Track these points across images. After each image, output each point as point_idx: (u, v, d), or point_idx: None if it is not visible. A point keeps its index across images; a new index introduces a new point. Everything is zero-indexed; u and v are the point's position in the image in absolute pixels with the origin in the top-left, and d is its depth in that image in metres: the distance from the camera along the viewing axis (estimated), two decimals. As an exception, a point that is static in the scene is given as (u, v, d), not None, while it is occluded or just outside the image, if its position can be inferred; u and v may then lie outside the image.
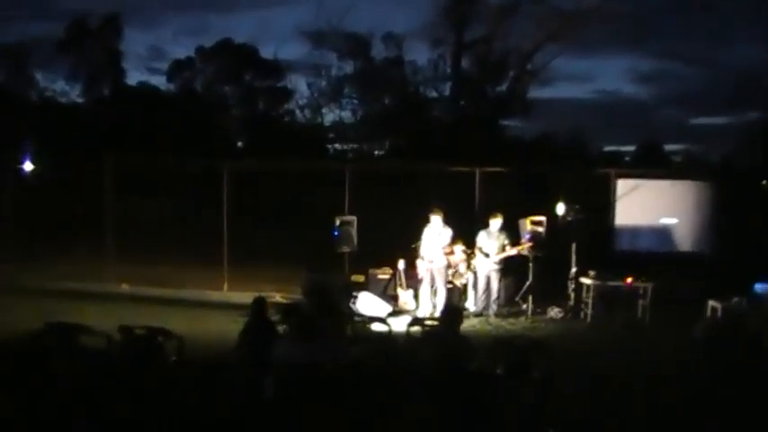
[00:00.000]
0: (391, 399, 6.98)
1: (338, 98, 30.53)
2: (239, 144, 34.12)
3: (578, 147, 32.63)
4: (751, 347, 11.25)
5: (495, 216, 14.45)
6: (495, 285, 14.31)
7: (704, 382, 9.89)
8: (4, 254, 16.46)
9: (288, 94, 33.47)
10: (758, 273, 12.67)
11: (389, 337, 9.09)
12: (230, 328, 8.71)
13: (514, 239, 14.46)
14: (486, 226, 14.46)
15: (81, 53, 32.30)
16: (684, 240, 16.16)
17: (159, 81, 34.80)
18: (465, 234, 14.64)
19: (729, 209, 16.48)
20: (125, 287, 16.52)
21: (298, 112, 32.74)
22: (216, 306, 14.33)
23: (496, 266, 14.32)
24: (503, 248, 14.29)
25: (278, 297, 15.30)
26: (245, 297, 9.29)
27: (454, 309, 10.03)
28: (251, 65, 33.60)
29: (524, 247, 14.34)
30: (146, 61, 62.73)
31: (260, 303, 8.71)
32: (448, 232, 14.14)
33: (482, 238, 14.45)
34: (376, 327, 9.94)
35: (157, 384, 7.29)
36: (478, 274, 14.49)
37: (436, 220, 14.11)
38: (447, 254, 14.38)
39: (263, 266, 16.65)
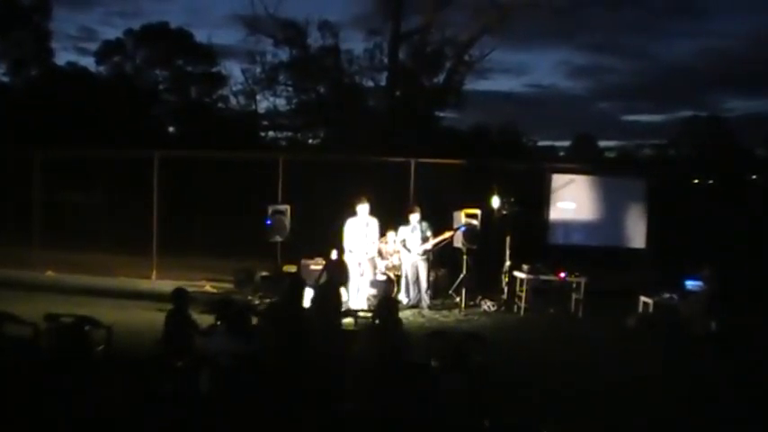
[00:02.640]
0: (327, 392, 6.95)
1: (273, 85, 30.29)
2: (171, 129, 33.70)
3: (514, 140, 32.92)
4: (680, 337, 11.61)
5: (412, 211, 14.51)
6: (423, 276, 14.35)
7: (637, 370, 10.11)
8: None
9: (221, 79, 33.17)
10: (689, 268, 12.90)
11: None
12: (158, 317, 8.57)
13: (440, 230, 14.52)
14: (416, 212, 14.48)
15: (8, 32, 31.47)
16: (617, 235, 16.40)
17: (88, 62, 34.16)
18: (399, 226, 14.63)
19: (662, 205, 16.78)
20: (50, 274, 16.25)
21: (231, 97, 32.45)
22: (144, 295, 14.11)
23: (422, 257, 14.37)
24: (425, 239, 14.35)
25: (208, 286, 15.20)
26: (174, 286, 9.17)
27: (389, 301, 10.04)
28: (184, 49, 33.17)
29: (447, 235, 14.40)
30: (75, 41, 61.56)
31: (179, 295, 8.60)
32: (375, 222, 14.03)
33: (404, 233, 14.51)
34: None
35: (84, 374, 7.15)
36: (405, 267, 14.55)
37: (363, 210, 13.93)
38: (381, 242, 14.44)
39: (194, 255, 16.53)
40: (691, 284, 12.77)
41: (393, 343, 6.89)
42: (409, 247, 14.33)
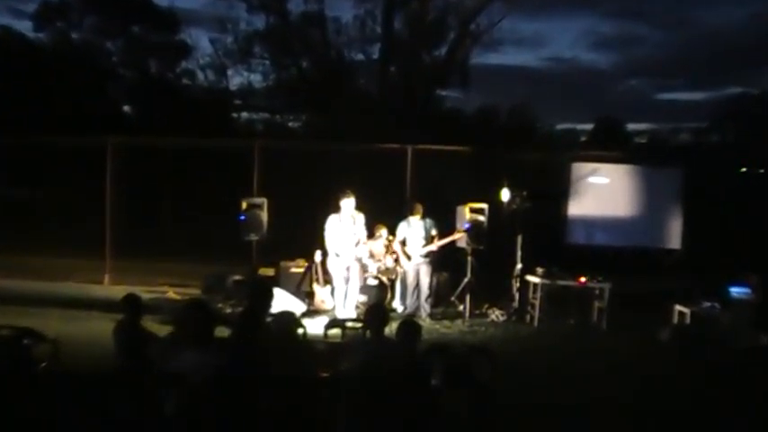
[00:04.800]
0: (309, 412, 6.98)
1: (247, 59, 30.21)
2: (126, 110, 33.52)
3: (527, 123, 32.87)
4: (722, 354, 11.59)
5: (415, 212, 14.47)
6: (425, 282, 14.35)
7: (671, 391, 10.09)
8: None
9: (186, 50, 32.96)
10: (733, 273, 12.89)
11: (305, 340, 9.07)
12: (111, 328, 8.52)
13: (445, 229, 14.52)
14: (418, 213, 14.45)
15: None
16: (648, 234, 16.41)
17: (25, 27, 33.76)
18: (394, 223, 14.63)
19: (702, 199, 16.76)
20: (-18, 279, 16.24)
21: (198, 72, 32.31)
22: (95, 303, 14.08)
23: (425, 259, 14.39)
24: (430, 239, 14.37)
25: (171, 293, 15.20)
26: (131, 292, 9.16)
27: (379, 309, 10.07)
28: (141, 14, 32.90)
29: (457, 236, 14.41)
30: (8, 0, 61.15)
31: (130, 302, 8.45)
32: (361, 218, 13.96)
33: (403, 230, 14.51)
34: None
35: (24, 396, 7.15)
36: (406, 269, 14.54)
37: (348, 206, 13.82)
38: (374, 240, 14.47)
39: (154, 257, 16.51)
40: (735, 292, 12.76)
41: (379, 358, 6.91)
42: (410, 253, 14.36)
